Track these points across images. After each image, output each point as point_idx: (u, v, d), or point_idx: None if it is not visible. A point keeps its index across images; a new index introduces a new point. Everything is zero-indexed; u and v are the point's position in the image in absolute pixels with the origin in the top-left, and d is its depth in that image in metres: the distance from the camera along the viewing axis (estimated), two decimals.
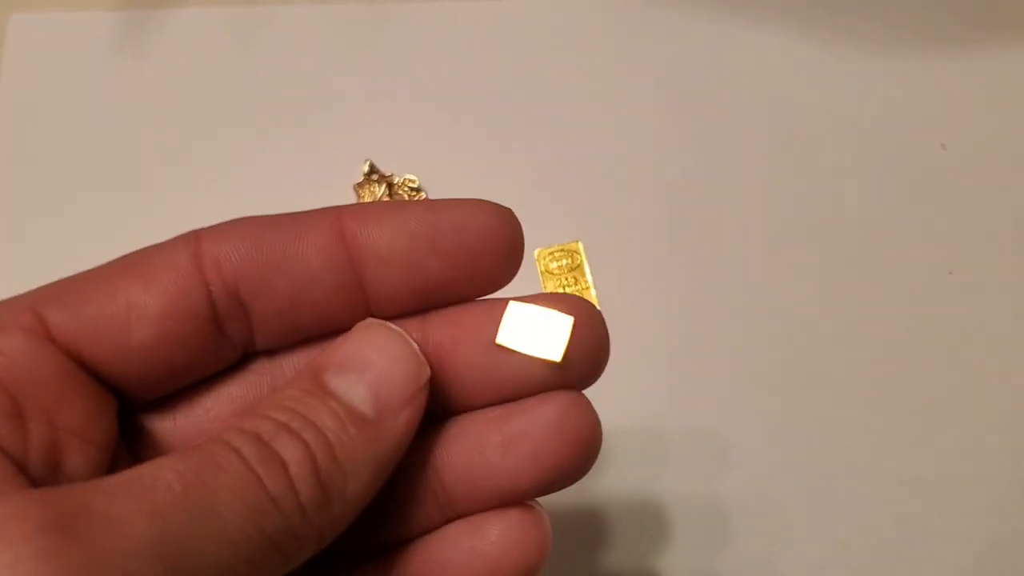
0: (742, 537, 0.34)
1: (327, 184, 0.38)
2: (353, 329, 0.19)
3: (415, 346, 0.19)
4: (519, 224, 0.20)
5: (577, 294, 0.36)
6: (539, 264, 0.37)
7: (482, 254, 0.19)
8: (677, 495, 0.34)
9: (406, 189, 0.38)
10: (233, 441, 0.16)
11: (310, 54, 0.40)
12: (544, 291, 0.36)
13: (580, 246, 0.38)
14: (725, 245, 0.38)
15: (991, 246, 0.38)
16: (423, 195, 0.38)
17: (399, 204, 0.25)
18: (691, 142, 0.39)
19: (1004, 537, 0.34)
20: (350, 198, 0.38)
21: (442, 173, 0.38)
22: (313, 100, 0.40)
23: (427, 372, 0.19)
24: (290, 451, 0.17)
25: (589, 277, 0.37)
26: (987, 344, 0.36)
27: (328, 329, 0.20)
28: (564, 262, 0.37)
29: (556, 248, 0.37)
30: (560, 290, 0.36)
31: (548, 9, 0.41)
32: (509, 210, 0.20)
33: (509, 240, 0.20)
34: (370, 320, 0.20)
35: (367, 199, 0.38)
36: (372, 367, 0.18)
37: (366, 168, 0.38)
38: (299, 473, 0.17)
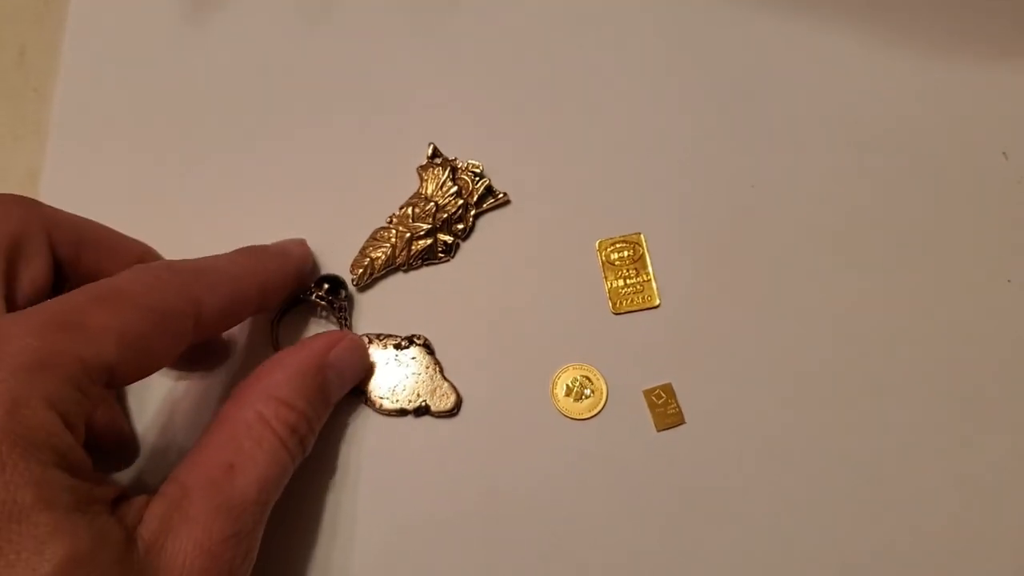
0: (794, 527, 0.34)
1: (391, 166, 0.39)
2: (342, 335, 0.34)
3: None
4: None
5: (638, 285, 0.36)
6: (600, 255, 0.37)
7: None
8: (731, 489, 0.34)
9: (469, 174, 0.38)
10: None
11: (376, 35, 0.41)
12: (605, 281, 0.36)
13: (643, 237, 0.37)
14: (785, 241, 0.38)
15: None
16: (487, 181, 0.38)
17: None
18: (754, 139, 0.39)
19: None
20: (414, 180, 0.38)
21: (505, 160, 0.38)
22: (379, 81, 0.40)
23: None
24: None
25: (651, 269, 0.37)
26: None
27: None
28: (626, 254, 0.37)
29: (618, 239, 0.37)
30: (620, 282, 0.36)
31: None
32: None
33: None
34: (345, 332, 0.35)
35: (431, 183, 0.38)
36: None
37: (429, 152, 0.38)
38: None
